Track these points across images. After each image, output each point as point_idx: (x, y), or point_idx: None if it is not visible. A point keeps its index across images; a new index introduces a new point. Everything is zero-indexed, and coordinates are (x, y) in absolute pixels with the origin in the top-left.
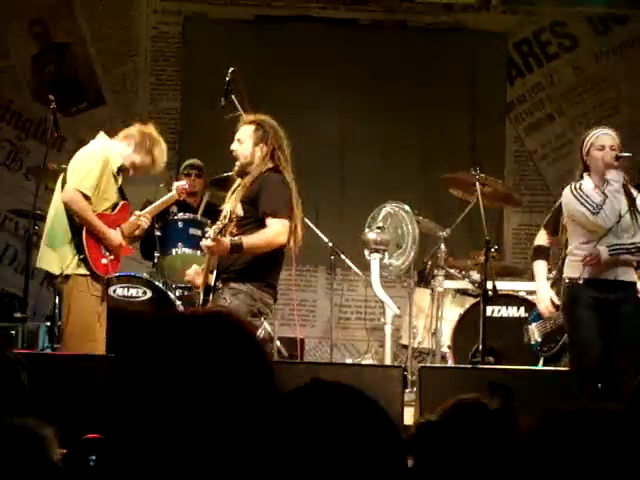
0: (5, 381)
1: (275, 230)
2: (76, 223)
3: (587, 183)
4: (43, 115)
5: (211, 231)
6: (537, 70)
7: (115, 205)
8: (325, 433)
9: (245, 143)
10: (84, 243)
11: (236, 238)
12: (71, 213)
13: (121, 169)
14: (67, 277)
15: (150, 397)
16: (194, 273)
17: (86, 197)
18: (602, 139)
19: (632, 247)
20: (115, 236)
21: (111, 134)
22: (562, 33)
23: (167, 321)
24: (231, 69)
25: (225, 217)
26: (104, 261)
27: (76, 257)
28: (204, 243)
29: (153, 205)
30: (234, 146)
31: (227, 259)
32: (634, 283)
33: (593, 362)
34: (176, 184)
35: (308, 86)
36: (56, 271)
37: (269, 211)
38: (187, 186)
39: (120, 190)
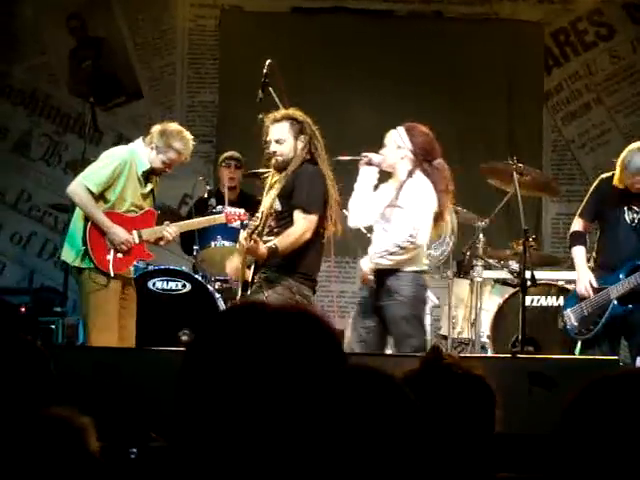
0: (37, 372)
1: (301, 227)
2: (84, 216)
3: None
4: (81, 109)
5: (244, 232)
6: (574, 59)
7: (141, 209)
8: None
9: (286, 141)
10: (87, 236)
11: (272, 244)
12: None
13: (149, 173)
14: (80, 269)
15: (227, 388)
16: (235, 266)
17: (90, 192)
18: None
19: None
20: (119, 233)
21: (148, 128)
22: (599, 22)
23: (250, 312)
24: (268, 61)
25: (258, 217)
26: (108, 257)
27: (82, 249)
28: (241, 241)
29: (192, 220)
30: (274, 148)
31: None
32: None
33: None
34: (229, 210)
35: (344, 77)
36: (69, 261)
37: (299, 206)
38: (239, 214)
39: (152, 194)
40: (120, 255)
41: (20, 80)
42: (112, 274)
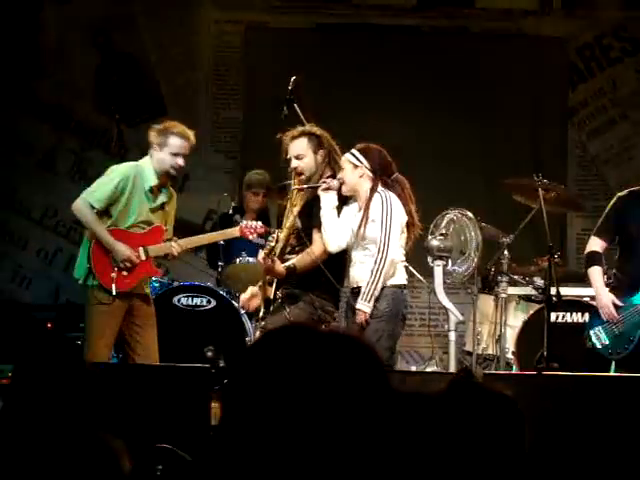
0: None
1: (320, 247)
2: (91, 234)
3: None
4: (106, 125)
5: (261, 252)
6: (599, 75)
7: (149, 224)
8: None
9: (307, 156)
10: (91, 253)
11: (290, 264)
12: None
13: (161, 185)
14: (86, 286)
15: (271, 410)
16: (249, 296)
17: (93, 208)
18: None
19: None
20: (122, 250)
21: None
22: (624, 37)
23: (298, 335)
24: (293, 78)
25: (274, 237)
26: (113, 275)
27: (87, 267)
28: (259, 260)
29: (203, 235)
30: (295, 164)
31: None
32: None
33: None
34: (244, 223)
35: (370, 93)
36: (78, 279)
37: (318, 225)
38: (255, 227)
39: (163, 207)
40: (125, 273)
41: (46, 96)
42: (114, 292)
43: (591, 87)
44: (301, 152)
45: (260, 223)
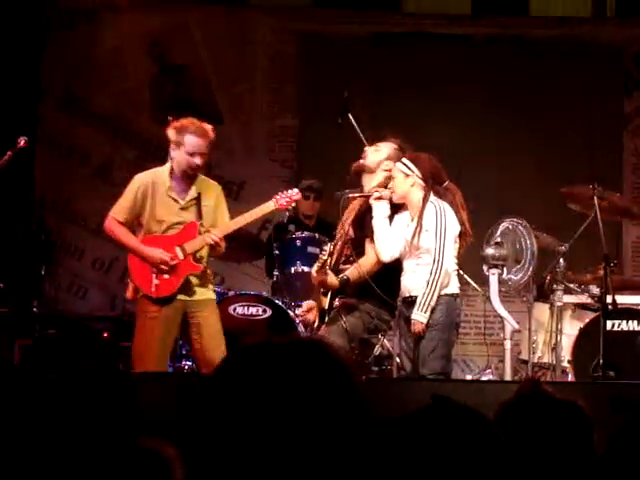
0: (124, 402)
1: (372, 258)
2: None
3: None
4: (163, 136)
5: (315, 266)
6: None
7: (183, 224)
8: (446, 458)
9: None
10: (128, 267)
11: (343, 276)
12: None
13: (185, 182)
14: (136, 299)
15: (240, 421)
16: (306, 309)
17: (120, 222)
18: None
19: None
20: (154, 254)
21: (230, 154)
22: None
23: (260, 347)
24: (346, 93)
25: (327, 251)
26: (156, 282)
27: (130, 281)
28: (313, 274)
29: (240, 217)
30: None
31: None
32: None
33: None
34: (279, 194)
35: (424, 102)
36: (128, 296)
37: (371, 234)
38: (289, 196)
39: (196, 202)
40: (166, 276)
41: (102, 106)
42: (154, 298)
43: None
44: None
45: (296, 190)
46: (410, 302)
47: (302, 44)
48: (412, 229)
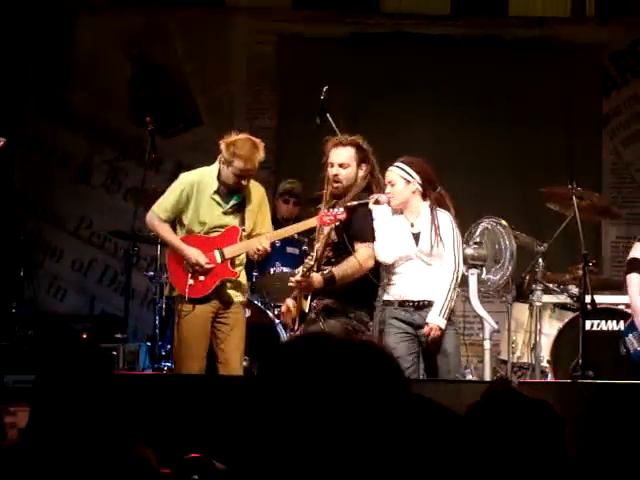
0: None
1: (363, 256)
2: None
3: None
4: (141, 137)
5: (300, 269)
6: (633, 82)
7: (224, 228)
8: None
9: (350, 167)
10: (167, 264)
11: (327, 272)
12: None
13: (232, 190)
14: (172, 297)
15: (293, 418)
16: (285, 309)
17: (162, 219)
18: None
19: None
20: (192, 255)
21: (208, 155)
22: None
23: (316, 342)
24: (325, 88)
25: (313, 257)
26: (190, 282)
27: (167, 278)
28: (293, 279)
29: (286, 228)
30: (337, 171)
31: None
32: None
33: None
34: (324, 211)
35: (403, 102)
36: (166, 293)
37: (357, 236)
38: (334, 214)
39: (241, 208)
40: (202, 277)
41: (80, 107)
42: (187, 298)
43: (625, 94)
44: (346, 161)
45: (342, 209)
46: (419, 306)
47: (281, 45)
48: (427, 236)
